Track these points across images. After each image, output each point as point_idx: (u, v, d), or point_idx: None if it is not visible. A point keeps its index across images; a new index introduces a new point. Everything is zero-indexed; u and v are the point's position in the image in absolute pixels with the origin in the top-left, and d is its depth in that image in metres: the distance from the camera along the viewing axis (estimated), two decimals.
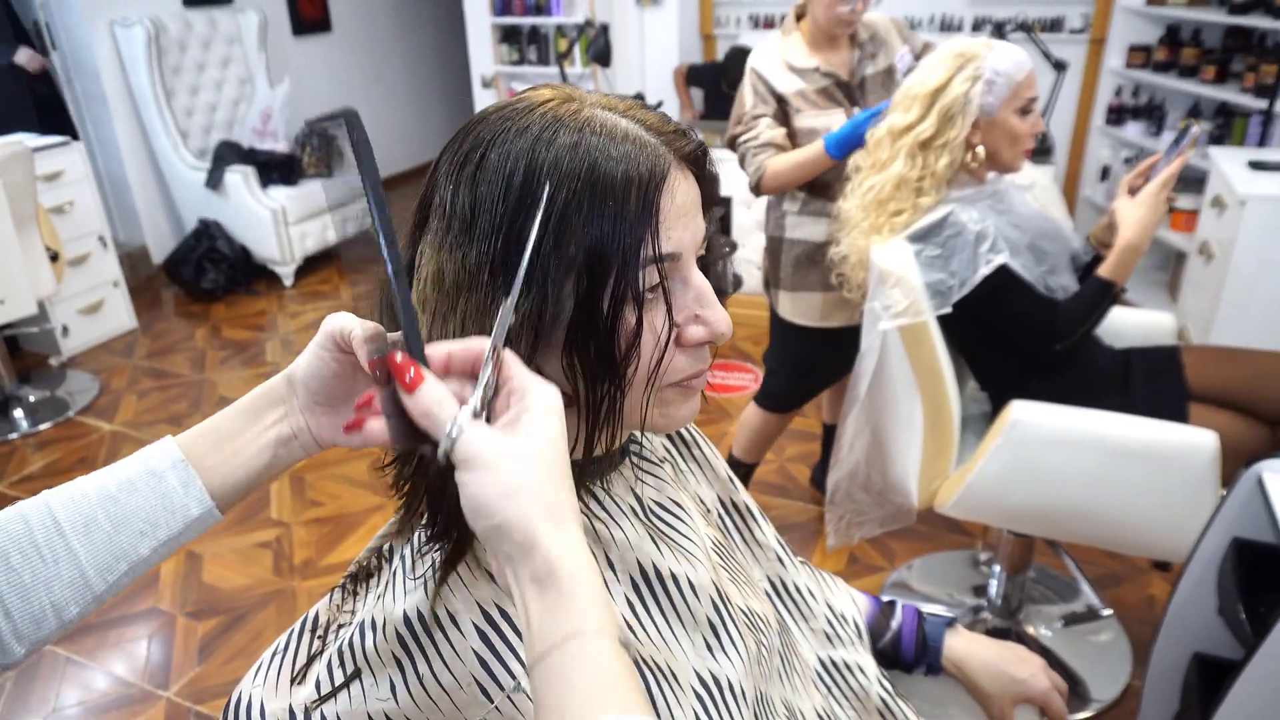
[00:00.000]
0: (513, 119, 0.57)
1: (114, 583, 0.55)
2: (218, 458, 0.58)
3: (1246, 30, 3.46)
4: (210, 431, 0.58)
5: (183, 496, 0.56)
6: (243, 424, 0.58)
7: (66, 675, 2.01)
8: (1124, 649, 1.96)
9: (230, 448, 0.58)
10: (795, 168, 1.91)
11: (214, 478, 0.57)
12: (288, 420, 0.59)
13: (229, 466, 0.58)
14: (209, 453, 0.58)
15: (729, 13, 4.90)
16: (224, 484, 0.58)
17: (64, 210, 3.46)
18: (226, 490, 0.58)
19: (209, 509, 0.57)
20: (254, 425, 0.58)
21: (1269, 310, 2.50)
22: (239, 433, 0.58)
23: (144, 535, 0.55)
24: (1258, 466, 1.29)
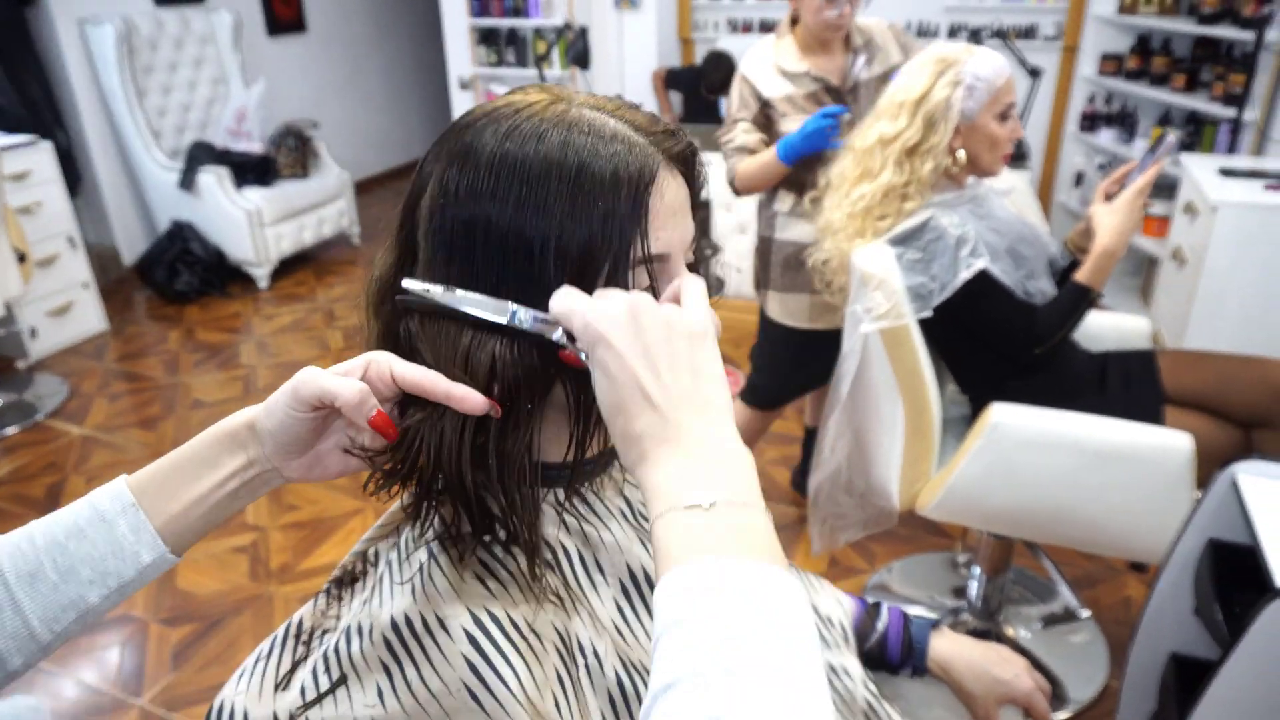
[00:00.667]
0: (501, 120, 0.56)
1: (61, 632, 0.54)
2: (174, 506, 0.56)
3: (1215, 40, 3.52)
4: (165, 476, 0.56)
5: (134, 544, 0.54)
6: (200, 470, 0.56)
7: (36, 683, 1.97)
8: (1101, 649, 1.98)
9: (188, 496, 0.56)
10: (758, 170, 1.96)
11: (170, 525, 0.55)
12: (254, 467, 0.57)
13: (187, 516, 0.56)
14: (165, 500, 0.55)
15: (707, 16, 4.92)
16: (180, 530, 0.56)
17: (31, 210, 3.39)
18: (182, 536, 0.56)
19: (161, 554, 0.55)
20: (213, 473, 0.56)
21: (1241, 314, 2.54)
22: (196, 479, 0.56)
23: (93, 584, 0.54)
24: (1233, 468, 1.31)
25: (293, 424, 0.55)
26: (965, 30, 4.33)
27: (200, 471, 0.56)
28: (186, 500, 0.56)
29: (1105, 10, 3.96)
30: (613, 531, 0.65)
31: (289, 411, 0.55)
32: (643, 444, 0.49)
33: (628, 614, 0.64)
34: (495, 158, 0.55)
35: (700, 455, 0.47)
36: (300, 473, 0.58)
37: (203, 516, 0.56)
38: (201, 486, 0.56)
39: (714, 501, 0.45)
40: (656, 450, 0.48)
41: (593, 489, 0.66)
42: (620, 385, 0.50)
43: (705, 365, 0.51)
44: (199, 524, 0.56)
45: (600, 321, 0.50)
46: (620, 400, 0.50)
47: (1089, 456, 1.55)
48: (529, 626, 0.57)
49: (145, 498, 0.55)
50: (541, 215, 0.53)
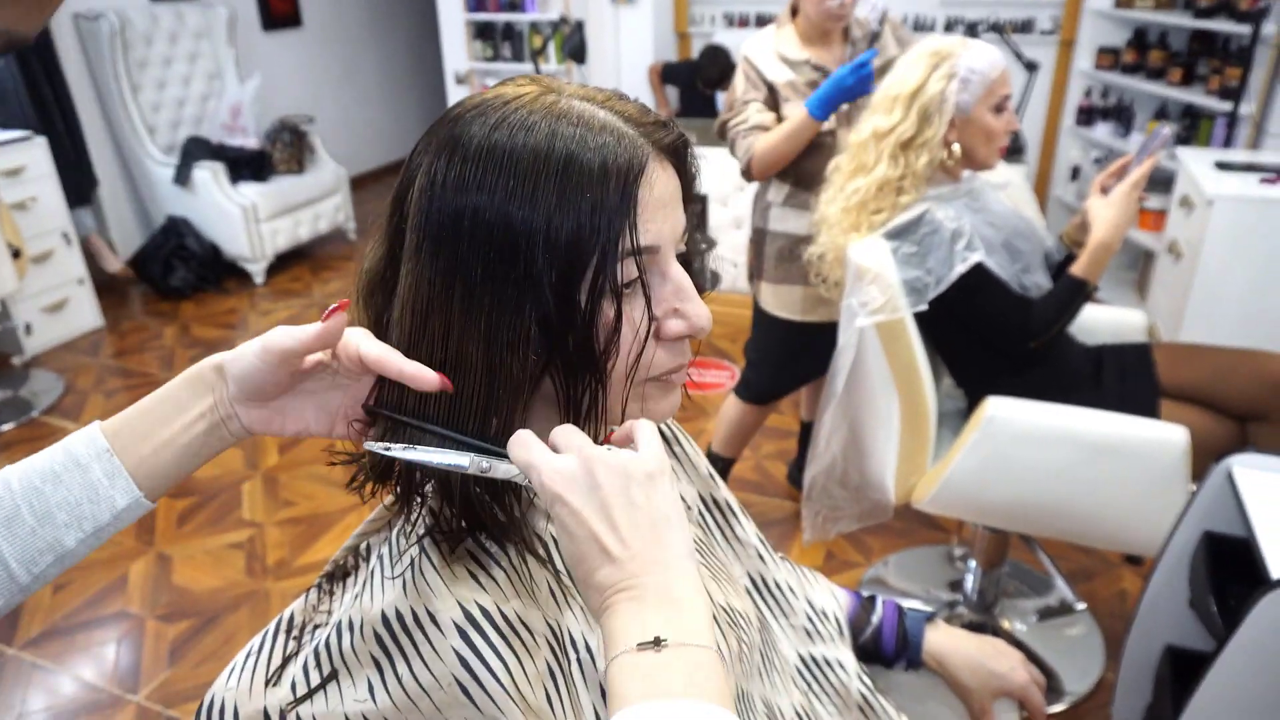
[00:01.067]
0: (490, 111, 0.56)
1: (39, 574, 0.55)
2: (145, 448, 0.56)
3: (1211, 34, 3.52)
4: (137, 420, 0.57)
5: (109, 488, 0.55)
6: (170, 413, 0.57)
7: (33, 680, 1.97)
8: (1096, 642, 1.98)
9: (158, 438, 0.57)
10: (783, 140, 1.89)
11: (142, 467, 0.56)
12: (217, 410, 0.58)
13: (158, 458, 0.57)
14: (137, 442, 0.56)
15: (704, 10, 4.91)
16: (152, 474, 0.57)
17: (26, 206, 3.38)
18: (155, 480, 0.57)
19: (136, 499, 0.56)
20: (182, 415, 0.57)
21: (1236, 307, 2.54)
22: (167, 422, 0.57)
23: (69, 527, 0.55)
24: (1228, 461, 1.31)
25: (257, 373, 0.56)
26: (962, 24, 4.32)
27: (170, 414, 0.57)
28: (157, 442, 0.57)
29: (1102, 4, 3.95)
30: None
31: (254, 361, 0.56)
32: (604, 595, 0.50)
33: None
34: (483, 149, 0.54)
35: (656, 601, 0.49)
36: (260, 424, 0.59)
37: (174, 459, 0.57)
38: (172, 428, 0.57)
39: (665, 643, 0.47)
40: (616, 599, 0.50)
41: None
42: (579, 541, 0.51)
43: (663, 508, 0.52)
44: (171, 467, 0.57)
45: (556, 481, 0.52)
46: (580, 554, 0.51)
47: (1084, 450, 1.55)
48: (520, 620, 0.57)
49: (118, 441, 0.56)
50: (529, 207, 0.53)
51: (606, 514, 0.51)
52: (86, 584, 2.26)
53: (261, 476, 2.68)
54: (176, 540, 2.42)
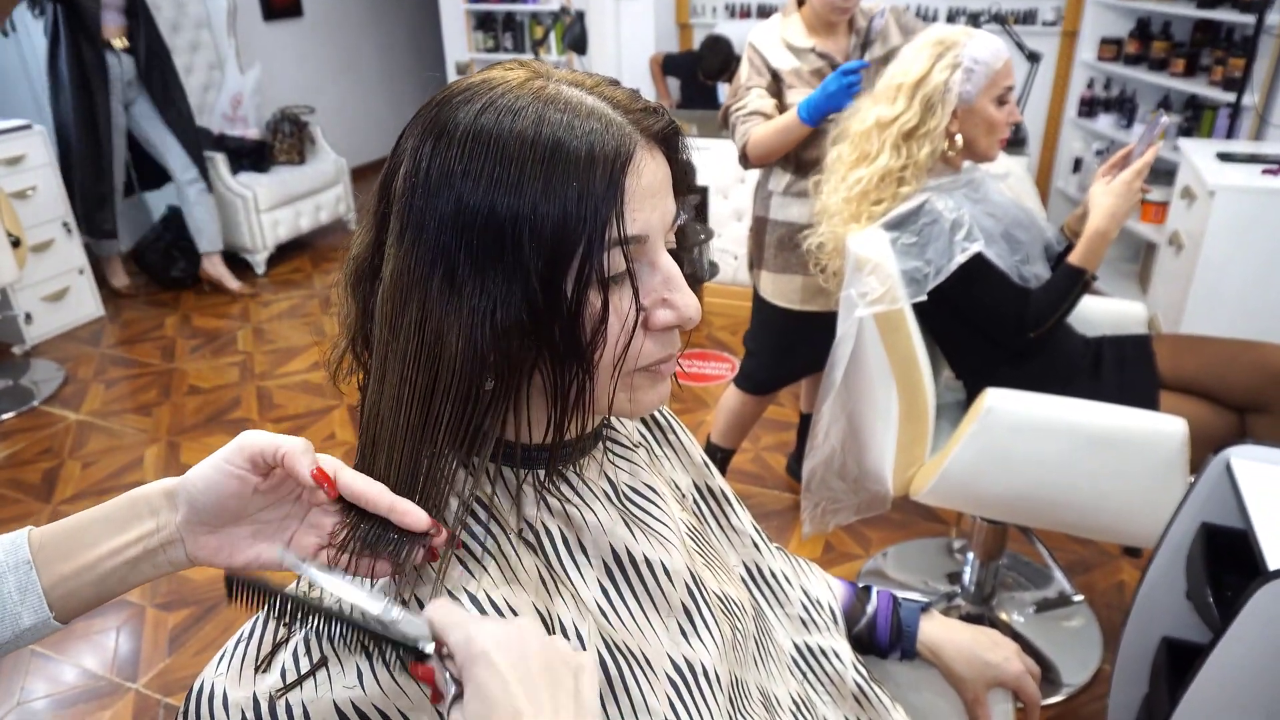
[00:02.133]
0: (477, 96, 0.55)
1: None
2: (68, 567, 0.53)
3: (1215, 24, 3.50)
4: (66, 535, 0.53)
5: (17, 604, 0.51)
6: (103, 533, 0.54)
7: (33, 668, 1.98)
8: (1094, 634, 1.98)
9: (83, 559, 0.53)
10: (774, 134, 1.90)
11: (59, 587, 0.53)
12: (159, 535, 0.54)
13: (78, 580, 0.53)
14: (61, 559, 0.53)
15: (705, 1, 4.89)
16: (68, 595, 0.53)
17: (26, 196, 3.38)
18: (69, 601, 0.53)
19: (44, 619, 0.52)
20: (117, 537, 0.54)
21: (1237, 299, 2.54)
22: (97, 543, 0.53)
23: None
24: (1226, 452, 1.31)
25: (222, 482, 0.53)
26: (964, 15, 4.30)
27: (104, 532, 0.54)
28: (80, 564, 0.53)
29: None
30: (596, 513, 0.64)
31: (222, 467, 0.53)
32: None
33: (612, 595, 0.63)
34: (469, 134, 0.53)
35: None
36: (206, 553, 0.56)
37: (95, 583, 0.53)
38: (99, 550, 0.53)
39: None
40: None
41: (575, 470, 0.66)
42: (496, 706, 0.46)
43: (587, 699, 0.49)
44: (89, 591, 0.53)
45: (486, 640, 0.48)
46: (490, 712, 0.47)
47: (1082, 441, 1.54)
48: (509, 607, 0.56)
49: (43, 554, 0.53)
50: (514, 194, 0.52)
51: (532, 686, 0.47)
52: None
53: None
54: None
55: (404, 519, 0.52)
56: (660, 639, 0.64)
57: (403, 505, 0.53)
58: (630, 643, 0.62)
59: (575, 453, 0.65)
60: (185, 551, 0.55)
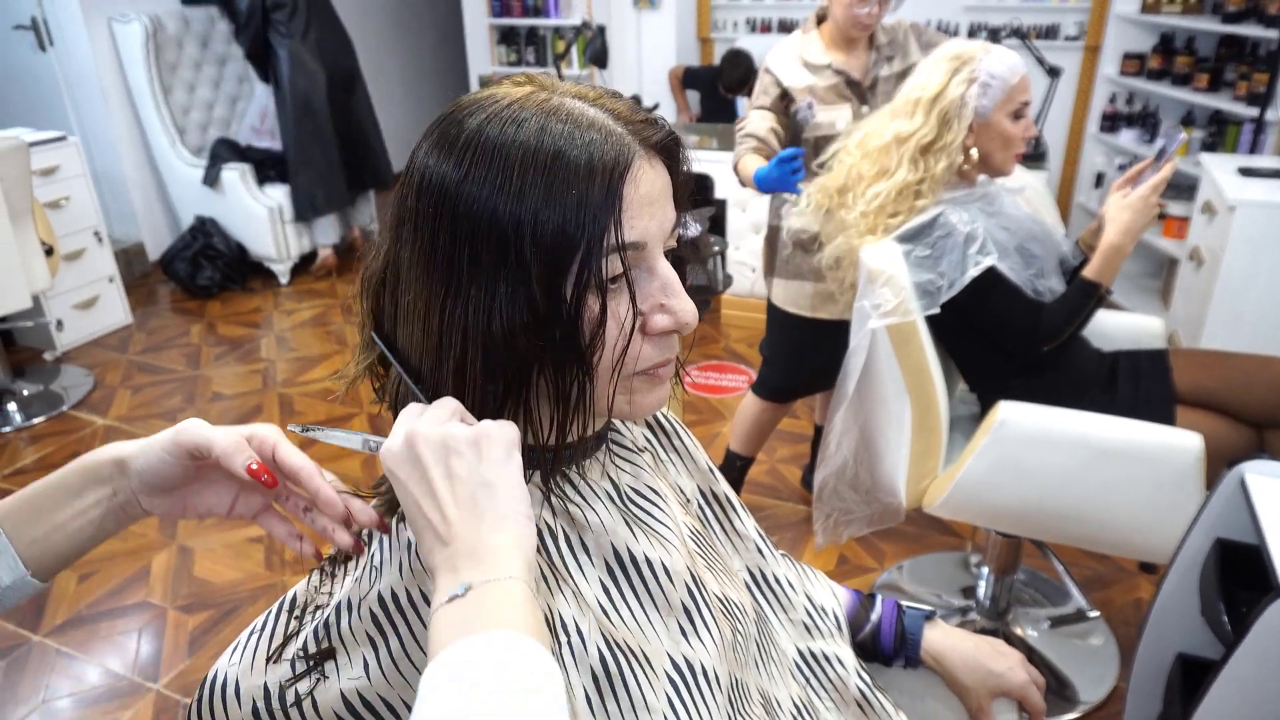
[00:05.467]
0: (484, 108, 0.58)
1: None
2: (36, 531, 0.59)
3: (1239, 39, 3.48)
4: (27, 504, 0.59)
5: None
6: (62, 500, 0.59)
7: (57, 667, 2.01)
8: (1111, 651, 1.96)
9: (50, 522, 0.59)
10: (745, 176, 1.97)
11: (33, 548, 0.58)
12: (116, 498, 0.60)
13: (50, 540, 0.59)
14: (27, 525, 0.59)
15: (726, 16, 4.92)
16: (42, 554, 0.59)
17: (60, 205, 3.46)
18: (46, 559, 0.59)
19: (21, 576, 0.58)
20: (75, 502, 0.60)
21: (1258, 314, 2.51)
22: (58, 508, 0.59)
23: None
24: (1240, 467, 1.30)
25: (164, 467, 0.59)
26: (985, 30, 4.30)
27: (61, 500, 0.59)
28: (49, 525, 0.59)
29: (1128, 9, 3.92)
30: (598, 513, 0.66)
31: (163, 455, 0.59)
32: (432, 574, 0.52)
33: (613, 594, 0.65)
34: (474, 143, 0.56)
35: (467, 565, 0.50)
36: (163, 510, 0.62)
37: (66, 541, 0.59)
38: (64, 513, 0.59)
39: (469, 587, 0.49)
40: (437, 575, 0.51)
41: (578, 471, 0.67)
42: (410, 519, 0.54)
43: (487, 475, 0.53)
44: (64, 549, 0.59)
45: (386, 458, 0.54)
46: (414, 531, 0.54)
47: (1096, 455, 1.54)
48: None
49: (9, 520, 0.58)
50: (517, 201, 0.54)
51: (429, 488, 0.53)
52: (110, 574, 2.31)
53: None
54: (198, 534, 2.46)
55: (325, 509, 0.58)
56: (660, 638, 0.66)
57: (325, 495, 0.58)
58: (630, 641, 0.64)
59: (578, 454, 0.67)
60: (142, 508, 0.61)
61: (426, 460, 0.53)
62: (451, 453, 0.53)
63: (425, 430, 0.54)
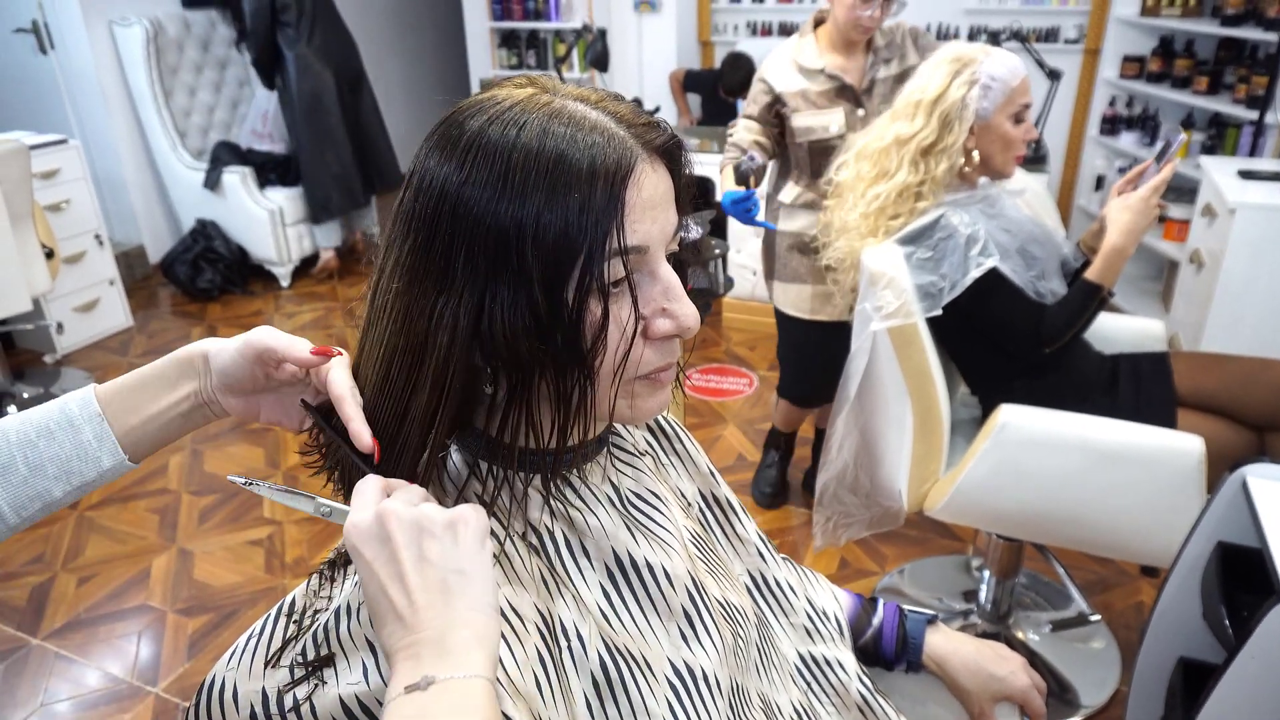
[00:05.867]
0: (485, 110, 0.57)
1: (27, 517, 0.61)
2: (134, 419, 0.63)
3: (1238, 42, 3.48)
4: (129, 392, 0.63)
5: (96, 450, 0.61)
6: (159, 390, 0.64)
7: (55, 670, 2.01)
8: (1113, 655, 1.96)
9: (146, 411, 0.63)
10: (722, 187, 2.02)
11: (129, 435, 0.63)
12: (200, 394, 0.64)
13: (145, 429, 0.63)
14: (126, 412, 0.63)
15: (727, 19, 4.93)
16: (138, 441, 0.63)
17: (60, 208, 3.46)
18: (140, 446, 0.64)
19: (120, 461, 0.63)
20: (170, 394, 0.64)
21: (1258, 316, 2.51)
22: (155, 399, 0.63)
23: (58, 480, 0.61)
24: (1242, 470, 1.30)
25: (236, 368, 0.63)
26: (985, 33, 4.30)
27: (159, 391, 0.64)
28: (144, 415, 0.63)
29: (1127, 12, 3.92)
30: (599, 517, 0.66)
31: (236, 356, 0.63)
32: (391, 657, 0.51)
33: (613, 599, 0.65)
34: (476, 146, 0.55)
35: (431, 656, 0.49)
36: (239, 410, 0.66)
37: (158, 430, 0.64)
38: (159, 404, 0.63)
39: (431, 681, 0.48)
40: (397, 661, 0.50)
41: (579, 475, 0.67)
42: (371, 597, 0.52)
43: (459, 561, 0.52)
44: (155, 437, 0.64)
45: (352, 534, 0.54)
46: (373, 611, 0.53)
47: (1098, 458, 1.54)
48: (510, 606, 0.58)
49: (110, 408, 0.62)
50: (518, 203, 0.54)
51: (397, 570, 0.52)
52: (110, 577, 2.30)
53: (282, 476, 2.72)
54: (198, 536, 2.46)
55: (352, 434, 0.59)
56: (661, 643, 0.65)
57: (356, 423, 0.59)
58: (631, 645, 0.63)
59: (579, 458, 0.67)
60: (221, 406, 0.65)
61: (398, 540, 0.52)
62: (426, 534, 0.53)
63: (398, 509, 0.53)
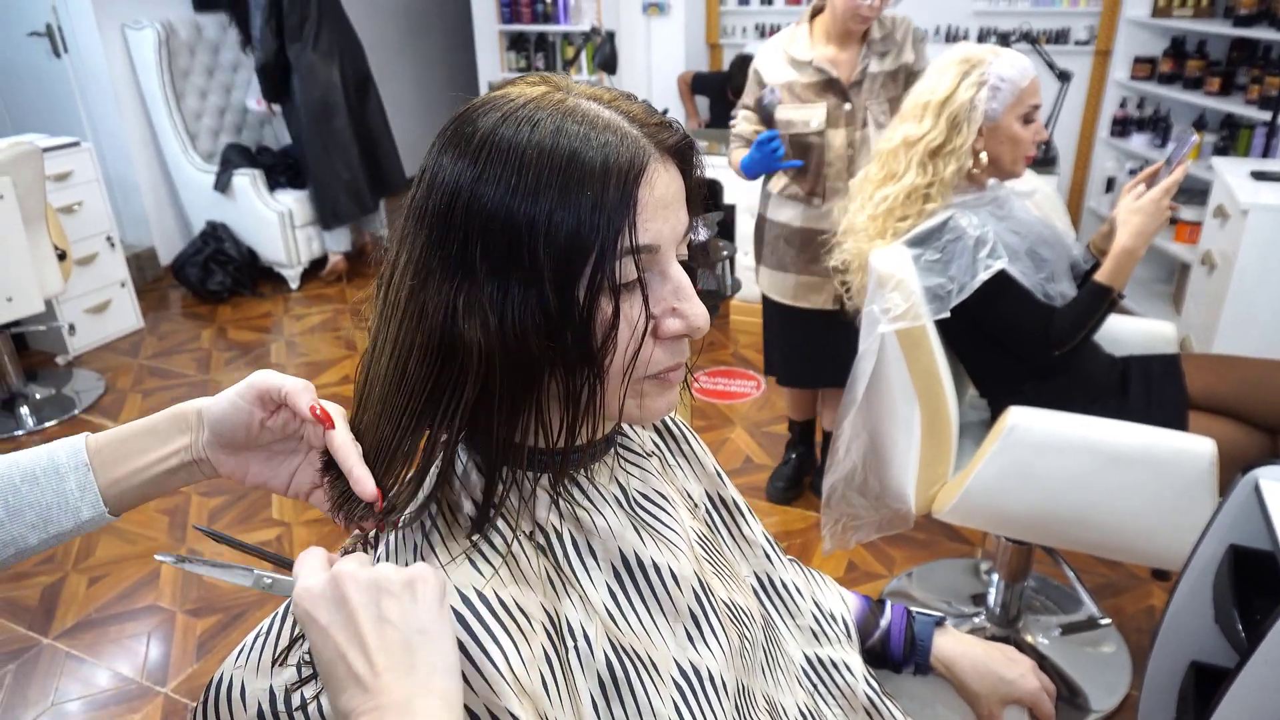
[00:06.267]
0: (499, 107, 0.57)
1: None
2: (120, 470, 0.61)
3: (1251, 42, 3.46)
4: (119, 443, 0.62)
5: (78, 499, 0.60)
6: (150, 444, 0.62)
7: (66, 670, 2.02)
8: (1124, 659, 1.95)
9: (134, 463, 0.61)
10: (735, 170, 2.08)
11: (113, 486, 0.61)
12: (191, 451, 0.62)
13: (130, 482, 0.61)
14: (113, 463, 0.61)
15: (735, 22, 4.93)
16: (122, 494, 0.61)
17: (73, 210, 3.48)
18: (123, 499, 0.62)
19: (100, 513, 0.61)
20: (160, 447, 0.62)
21: (1270, 319, 2.49)
22: (144, 452, 0.62)
23: (34, 528, 0.59)
24: (1254, 473, 1.29)
25: (235, 413, 0.61)
26: (994, 34, 4.29)
27: (149, 443, 0.62)
28: (132, 467, 0.61)
29: (1138, 13, 3.90)
30: (606, 517, 0.65)
31: (235, 400, 0.61)
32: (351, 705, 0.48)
33: (620, 599, 0.64)
34: (489, 143, 0.55)
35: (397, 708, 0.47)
36: (228, 468, 0.64)
37: (143, 485, 0.62)
38: (148, 457, 0.62)
39: None
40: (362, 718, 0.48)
41: (587, 475, 0.67)
42: (325, 663, 0.50)
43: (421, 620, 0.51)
44: (139, 491, 0.62)
45: (303, 599, 0.52)
46: (327, 676, 0.50)
47: (1107, 460, 1.53)
48: (517, 606, 0.58)
49: (97, 458, 0.61)
50: (531, 201, 0.54)
51: (355, 633, 0.50)
52: (120, 578, 2.32)
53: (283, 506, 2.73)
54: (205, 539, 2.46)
55: (355, 485, 0.58)
56: (667, 643, 0.65)
57: (358, 472, 0.58)
58: (637, 646, 0.63)
59: (587, 458, 0.67)
60: (211, 465, 0.63)
61: (355, 602, 0.50)
62: (384, 594, 0.51)
63: (353, 570, 0.52)
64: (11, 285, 2.86)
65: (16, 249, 2.84)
